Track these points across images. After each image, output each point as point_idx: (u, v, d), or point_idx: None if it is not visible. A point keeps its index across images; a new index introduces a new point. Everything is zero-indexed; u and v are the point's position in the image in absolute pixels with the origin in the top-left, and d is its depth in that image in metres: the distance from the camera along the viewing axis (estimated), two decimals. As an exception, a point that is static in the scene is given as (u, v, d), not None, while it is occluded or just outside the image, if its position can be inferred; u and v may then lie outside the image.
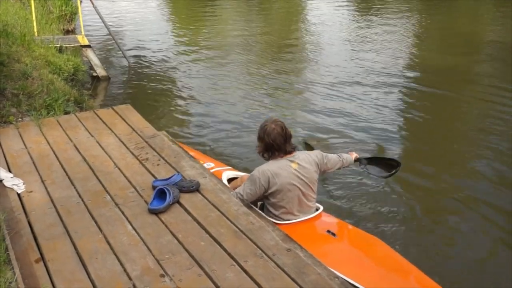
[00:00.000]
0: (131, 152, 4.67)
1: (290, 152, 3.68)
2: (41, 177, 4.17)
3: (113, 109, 5.83)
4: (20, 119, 5.50)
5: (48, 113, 5.69)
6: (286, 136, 3.62)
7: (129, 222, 3.49)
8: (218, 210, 3.65)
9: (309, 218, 3.71)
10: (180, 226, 3.44)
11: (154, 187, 3.89)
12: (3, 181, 4.02)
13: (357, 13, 14.52)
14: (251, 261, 3.04)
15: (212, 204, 3.73)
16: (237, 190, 3.81)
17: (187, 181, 3.98)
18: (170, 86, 7.99)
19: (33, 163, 4.43)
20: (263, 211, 3.82)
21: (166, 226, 3.44)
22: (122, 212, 3.62)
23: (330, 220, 3.83)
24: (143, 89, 7.83)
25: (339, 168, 4.05)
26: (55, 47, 7.68)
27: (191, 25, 13.69)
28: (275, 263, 3.02)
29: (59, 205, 3.72)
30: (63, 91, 6.29)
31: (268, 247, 3.19)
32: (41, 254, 3.14)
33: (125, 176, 4.18)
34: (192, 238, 3.29)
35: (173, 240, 3.28)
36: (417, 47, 10.50)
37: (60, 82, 6.66)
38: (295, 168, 3.64)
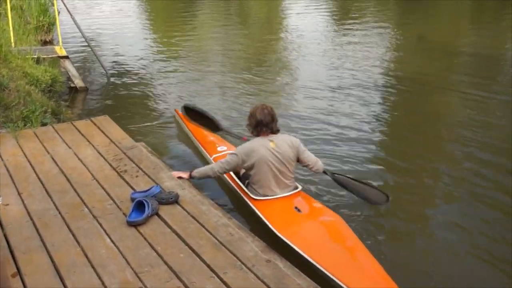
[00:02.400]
0: (109, 163, 4.64)
1: (275, 132, 4.17)
2: (17, 190, 4.12)
3: (91, 120, 5.80)
4: (-4, 131, 5.40)
5: (25, 125, 5.60)
6: (273, 116, 4.15)
7: (107, 234, 3.45)
8: (197, 221, 3.63)
9: (283, 196, 4.06)
10: (159, 238, 3.41)
11: (132, 199, 3.86)
12: (-22, 194, 3.94)
13: (336, 22, 14.67)
14: (230, 273, 3.02)
15: (191, 216, 3.71)
16: (221, 160, 4.29)
17: (166, 193, 3.96)
18: (148, 96, 7.92)
19: (10, 175, 4.38)
20: (247, 188, 4.23)
21: (145, 238, 3.41)
22: (100, 225, 3.58)
23: (303, 199, 4.11)
24: (122, 100, 7.75)
25: (309, 167, 4.33)
26: (33, 58, 7.56)
27: (169, 33, 13.62)
28: (255, 274, 3.01)
29: (36, 217, 3.67)
30: (40, 102, 6.20)
31: (247, 258, 3.18)
32: (17, 268, 3.09)
33: (103, 188, 4.15)
34: (171, 250, 3.26)
35: (152, 252, 3.24)
36: (395, 55, 10.64)
37: (38, 93, 6.55)
38: (272, 147, 4.06)
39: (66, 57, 8.06)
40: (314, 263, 3.27)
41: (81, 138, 5.27)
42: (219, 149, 5.14)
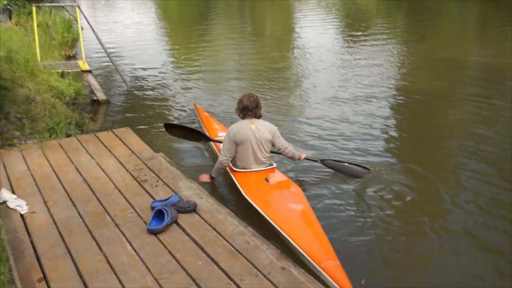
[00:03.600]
0: (130, 173, 4.69)
1: (257, 117, 4.87)
2: (43, 198, 4.18)
3: (113, 132, 5.87)
4: (23, 142, 5.49)
5: (50, 136, 5.69)
6: (257, 103, 4.85)
7: (129, 242, 3.50)
8: (215, 230, 3.66)
9: (258, 170, 4.79)
10: (178, 246, 3.45)
11: (152, 208, 3.90)
12: (7, 203, 4.02)
13: (346, 39, 14.65)
14: (246, 280, 3.04)
15: (209, 224, 3.74)
16: (221, 150, 4.92)
17: (184, 202, 4.00)
18: (167, 108, 8.00)
19: (36, 184, 4.45)
20: (231, 163, 4.90)
21: (164, 246, 3.45)
22: (122, 233, 3.63)
23: (274, 174, 4.80)
24: (141, 112, 7.83)
25: (281, 151, 5.01)
26: (57, 72, 7.68)
27: (187, 47, 13.76)
28: (270, 281, 3.03)
29: (61, 225, 3.73)
30: (65, 114, 6.30)
31: (263, 265, 3.20)
32: (43, 273, 3.14)
33: (124, 197, 4.20)
34: (189, 257, 3.30)
35: (171, 259, 3.28)
36: (403, 70, 10.58)
37: (62, 106, 6.66)
38: (253, 129, 4.77)
39: (89, 71, 8.18)
40: (269, 219, 4.00)
41: (104, 149, 5.34)
42: (219, 134, 5.96)
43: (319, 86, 9.27)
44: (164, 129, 5.85)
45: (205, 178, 4.98)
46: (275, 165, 4.93)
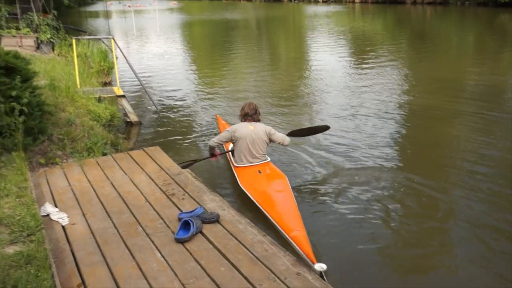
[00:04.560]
0: (159, 188, 4.73)
1: (256, 121, 5.43)
2: (82, 211, 4.24)
3: (144, 150, 5.92)
4: (64, 160, 5.58)
5: (88, 155, 5.77)
6: (255, 110, 5.45)
7: (158, 250, 3.52)
8: (236, 238, 3.66)
9: (253, 165, 5.30)
10: (203, 253, 3.46)
11: (179, 219, 3.93)
12: (50, 215, 4.08)
13: (354, 63, 14.62)
14: (265, 285, 3.03)
15: (231, 234, 3.75)
16: (218, 135, 5.56)
17: (208, 213, 4.01)
18: (192, 128, 8.05)
19: (76, 198, 4.51)
20: (233, 158, 5.50)
21: (190, 253, 3.46)
22: (152, 241, 3.65)
23: (267, 167, 5.29)
24: (170, 132, 7.89)
25: (279, 143, 5.53)
26: (95, 97, 7.80)
27: (209, 72, 13.89)
28: (287, 286, 3.02)
29: (98, 235, 3.77)
30: (101, 135, 6.38)
31: (280, 271, 3.19)
32: (82, 279, 3.18)
33: (154, 209, 4.23)
34: (213, 264, 3.30)
35: (196, 266, 3.29)
36: (406, 88, 10.53)
37: (99, 127, 6.75)
38: (251, 129, 5.32)
39: (123, 96, 8.30)
40: (255, 202, 4.62)
41: (136, 165, 5.40)
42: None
43: (330, 104, 9.33)
44: (189, 149, 5.95)
45: (212, 158, 5.72)
46: (269, 159, 5.46)
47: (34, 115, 5.55)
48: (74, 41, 8.99)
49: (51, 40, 13.13)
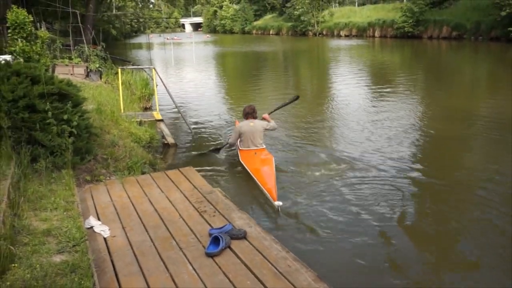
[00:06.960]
0: (192, 205, 4.76)
1: (255, 118, 7.05)
2: (122, 224, 4.29)
3: (179, 170, 5.99)
4: (108, 178, 5.69)
5: (129, 173, 5.87)
6: (253, 109, 7.09)
7: (190, 263, 3.53)
8: (261, 254, 3.64)
9: (252, 149, 6.82)
10: (231, 267, 3.44)
11: (210, 235, 3.93)
12: (93, 228, 4.15)
13: (373, 91, 14.52)
14: (288, 299, 2.99)
15: (257, 249, 3.73)
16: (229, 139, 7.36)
17: (236, 230, 4.01)
18: (224, 150, 8.12)
19: (117, 213, 4.58)
20: (239, 144, 7.02)
21: (219, 267, 3.45)
22: (185, 255, 3.66)
23: (262, 151, 6.82)
24: (203, 154, 7.96)
25: (271, 129, 7.18)
26: (136, 121, 7.97)
27: (240, 98, 14.00)
28: (308, 301, 2.96)
29: (135, 247, 3.81)
30: (141, 156, 6.49)
31: (302, 287, 3.14)
32: (120, 288, 3.19)
33: (187, 225, 4.25)
34: (240, 278, 3.28)
35: (225, 279, 3.28)
36: (421, 116, 10.40)
37: (139, 148, 6.87)
38: (252, 125, 6.85)
39: (161, 120, 8.44)
40: (249, 170, 6.33)
41: (171, 184, 5.46)
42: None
43: (351, 128, 9.31)
44: (220, 170, 6.67)
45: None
46: (264, 146, 6.94)
47: (82, 136, 5.70)
48: (119, 70, 9.27)
49: (99, 69, 13.55)
